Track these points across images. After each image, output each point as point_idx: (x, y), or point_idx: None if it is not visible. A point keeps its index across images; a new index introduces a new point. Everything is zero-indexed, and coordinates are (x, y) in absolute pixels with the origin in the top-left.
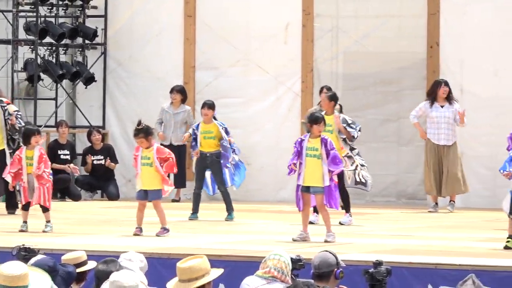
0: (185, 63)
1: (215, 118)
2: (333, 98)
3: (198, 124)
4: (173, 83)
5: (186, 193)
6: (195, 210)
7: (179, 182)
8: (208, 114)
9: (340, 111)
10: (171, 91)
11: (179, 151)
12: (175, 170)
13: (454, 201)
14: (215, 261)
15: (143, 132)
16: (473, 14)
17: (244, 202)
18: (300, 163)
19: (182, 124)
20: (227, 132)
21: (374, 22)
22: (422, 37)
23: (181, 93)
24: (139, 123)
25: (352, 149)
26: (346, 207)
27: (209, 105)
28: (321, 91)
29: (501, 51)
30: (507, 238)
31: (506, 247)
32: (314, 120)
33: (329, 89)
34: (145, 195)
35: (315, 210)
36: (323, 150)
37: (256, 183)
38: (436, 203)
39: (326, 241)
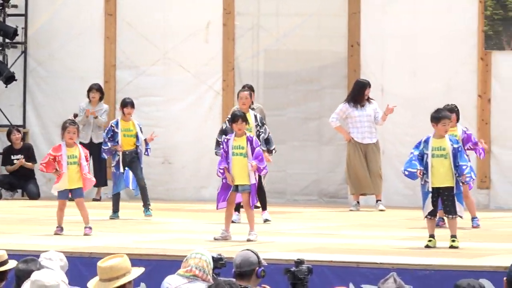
0: (106, 61)
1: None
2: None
3: (117, 122)
4: (93, 82)
5: (107, 192)
6: (116, 209)
7: (100, 181)
8: (131, 112)
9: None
10: (89, 90)
11: (99, 149)
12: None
13: (380, 200)
14: (136, 260)
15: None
16: (393, 14)
17: (166, 201)
18: (228, 163)
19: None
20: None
21: (295, 20)
22: (343, 36)
23: (99, 91)
24: (76, 115)
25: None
26: (264, 205)
27: (132, 104)
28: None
29: (420, 52)
30: (429, 237)
31: (427, 246)
32: (232, 119)
33: (250, 87)
34: (67, 194)
35: (237, 209)
36: (248, 148)
37: (177, 182)
38: (358, 202)
39: (248, 240)
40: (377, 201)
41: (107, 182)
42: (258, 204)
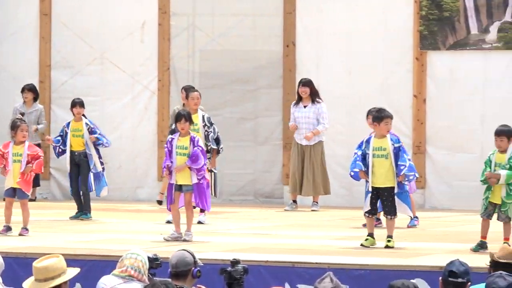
0: (41, 61)
1: (84, 116)
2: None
3: (69, 122)
4: (28, 82)
5: (42, 192)
6: (80, 208)
7: (34, 181)
8: (81, 112)
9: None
10: (22, 90)
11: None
12: (42, 170)
13: (317, 202)
14: (71, 261)
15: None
16: (329, 14)
17: (102, 201)
18: (172, 162)
19: (36, 123)
20: (94, 132)
21: (230, 20)
22: (279, 36)
23: (32, 91)
24: (23, 114)
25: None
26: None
27: (81, 103)
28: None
29: (355, 51)
30: (367, 235)
31: (362, 245)
32: (176, 118)
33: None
34: (14, 193)
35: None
36: (191, 148)
37: (113, 182)
38: (294, 201)
39: (184, 240)
40: (313, 202)
41: (40, 182)
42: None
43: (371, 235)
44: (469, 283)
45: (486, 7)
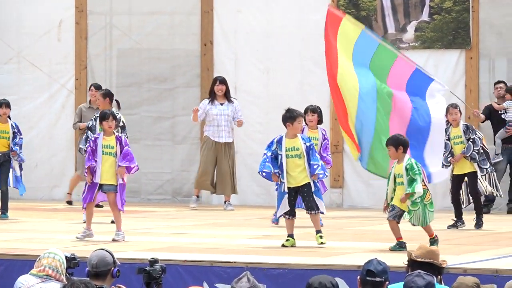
0: None
1: (9, 118)
2: (108, 94)
3: None
4: None
5: None
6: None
7: None
8: (7, 113)
9: (118, 107)
10: None
11: None
12: None
13: (229, 201)
14: None
15: None
16: (246, 13)
17: (18, 200)
18: (96, 161)
19: None
20: (15, 137)
21: (147, 19)
22: (196, 35)
23: None
24: None
25: None
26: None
27: (7, 104)
28: (90, 89)
29: (273, 50)
30: (287, 236)
31: (283, 245)
32: (102, 117)
33: (97, 87)
34: None
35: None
36: (118, 148)
37: (30, 181)
38: (198, 196)
39: (114, 240)
40: (225, 201)
41: None
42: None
43: (291, 236)
44: (387, 282)
45: (403, 6)
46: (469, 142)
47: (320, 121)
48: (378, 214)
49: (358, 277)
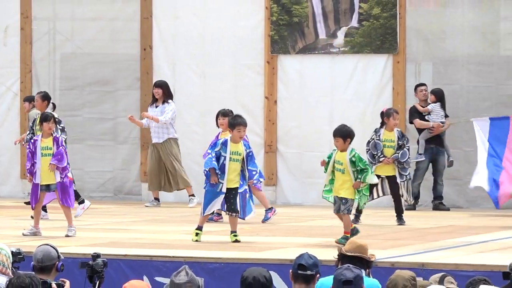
0: None
1: None
2: (46, 97)
3: None
4: None
5: None
6: None
7: None
8: None
9: (53, 109)
10: None
11: None
12: None
13: (193, 195)
14: None
15: None
16: (184, 19)
17: None
18: (35, 162)
19: None
20: None
21: (90, 25)
22: (136, 40)
23: None
24: None
25: None
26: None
27: None
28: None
29: (209, 54)
30: (196, 229)
31: (194, 240)
32: (44, 119)
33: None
34: None
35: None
36: (54, 148)
37: None
38: (156, 199)
39: (67, 236)
40: (190, 196)
41: None
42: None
43: (200, 228)
44: (318, 275)
45: (333, 13)
46: (405, 149)
47: None
48: (310, 211)
49: (290, 270)
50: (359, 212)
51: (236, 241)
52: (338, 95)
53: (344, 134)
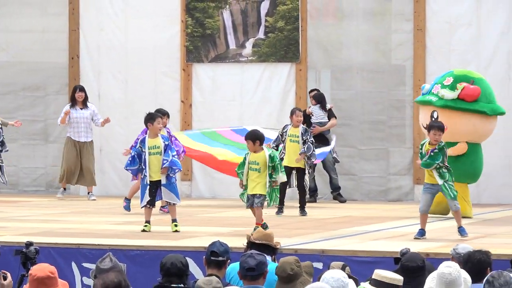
0: None
1: None
2: None
3: None
4: None
5: None
6: None
7: None
8: None
9: None
10: None
11: None
12: None
13: (91, 192)
14: None
15: None
16: (108, 31)
17: None
18: None
19: None
20: None
21: (23, 36)
22: (65, 50)
23: None
24: None
25: None
26: None
27: None
28: None
29: (131, 63)
30: (145, 222)
31: (143, 230)
32: None
33: None
34: None
35: None
36: None
37: None
38: (65, 189)
39: None
40: (88, 193)
41: None
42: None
43: (148, 222)
44: (229, 261)
45: (242, 26)
46: (309, 143)
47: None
48: (221, 203)
49: (204, 257)
50: (282, 204)
51: (176, 231)
52: (247, 100)
53: (252, 137)
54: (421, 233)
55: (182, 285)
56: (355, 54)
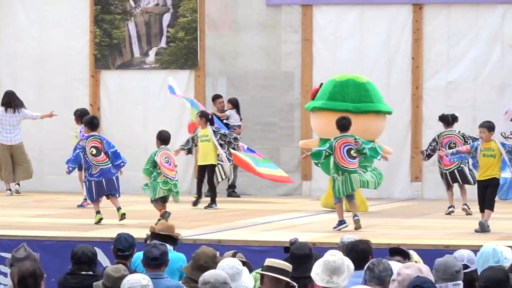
0: None
1: None
2: None
3: None
4: None
5: None
6: None
7: None
8: None
9: None
10: None
11: None
12: None
13: (19, 184)
14: None
15: None
16: (24, 41)
17: None
18: None
19: None
20: None
21: None
22: None
23: None
24: None
25: None
26: None
27: None
28: None
29: (44, 70)
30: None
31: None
32: None
33: None
34: None
35: None
36: None
37: None
38: (10, 189)
39: None
40: (16, 184)
41: None
42: None
43: (99, 212)
44: (135, 249)
45: (146, 36)
46: (221, 134)
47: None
48: (129, 198)
49: (112, 247)
50: (199, 196)
51: (123, 215)
52: (150, 104)
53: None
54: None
55: (91, 273)
56: (249, 62)
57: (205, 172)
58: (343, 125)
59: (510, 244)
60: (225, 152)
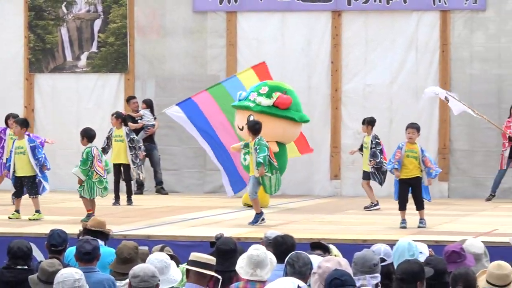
0: None
1: None
2: None
3: None
4: None
5: None
6: None
7: None
8: None
9: None
10: None
11: None
12: None
13: None
14: None
15: None
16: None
17: None
18: None
19: None
20: None
21: None
22: None
23: None
24: None
25: None
26: None
27: None
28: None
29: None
30: (14, 211)
31: (10, 218)
32: None
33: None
34: None
35: None
36: None
37: None
38: None
39: None
40: None
41: None
42: None
43: (17, 211)
44: (67, 245)
45: (78, 41)
46: (133, 146)
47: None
48: (61, 196)
49: (46, 243)
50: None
51: (10, 218)
52: (82, 105)
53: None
54: None
55: (26, 267)
56: (176, 66)
57: (120, 171)
58: (257, 129)
59: (423, 239)
60: (131, 155)
